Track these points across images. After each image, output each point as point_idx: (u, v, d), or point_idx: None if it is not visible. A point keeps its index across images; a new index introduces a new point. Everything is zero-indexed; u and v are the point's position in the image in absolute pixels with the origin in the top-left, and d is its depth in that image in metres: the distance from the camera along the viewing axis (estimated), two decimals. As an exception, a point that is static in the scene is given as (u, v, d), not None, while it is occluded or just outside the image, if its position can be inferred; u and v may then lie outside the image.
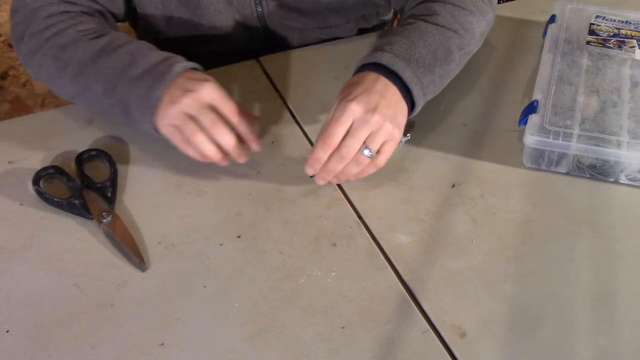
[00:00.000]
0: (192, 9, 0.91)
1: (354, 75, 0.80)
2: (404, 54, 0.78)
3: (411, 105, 0.78)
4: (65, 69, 0.78)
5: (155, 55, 0.77)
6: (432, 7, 0.84)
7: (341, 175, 0.77)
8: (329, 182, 0.78)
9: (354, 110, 0.73)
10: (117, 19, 0.93)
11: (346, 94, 0.75)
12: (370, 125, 0.73)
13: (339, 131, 0.73)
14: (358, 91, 0.74)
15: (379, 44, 0.82)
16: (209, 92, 0.73)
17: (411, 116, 0.79)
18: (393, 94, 0.76)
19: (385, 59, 0.77)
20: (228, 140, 0.74)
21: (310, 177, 0.78)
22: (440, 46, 0.81)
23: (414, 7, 0.88)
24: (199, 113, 0.72)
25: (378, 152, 0.75)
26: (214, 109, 0.73)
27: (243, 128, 0.76)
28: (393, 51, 0.78)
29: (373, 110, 0.73)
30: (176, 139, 0.74)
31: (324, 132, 0.74)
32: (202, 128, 0.73)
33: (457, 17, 0.84)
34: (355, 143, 0.73)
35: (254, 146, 0.77)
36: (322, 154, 0.74)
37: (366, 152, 0.74)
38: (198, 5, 0.91)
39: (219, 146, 0.74)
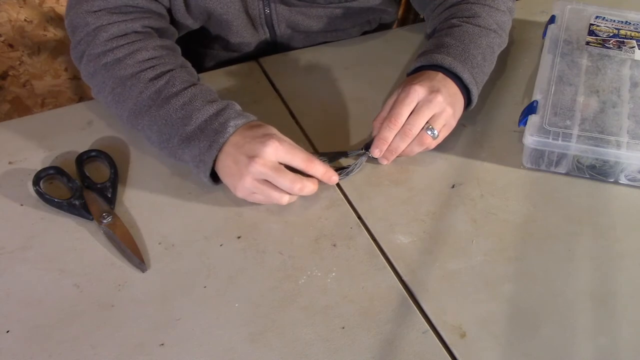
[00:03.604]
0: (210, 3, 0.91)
1: (407, 76, 0.84)
2: (460, 56, 0.82)
3: (466, 103, 0.83)
4: (122, 104, 0.78)
5: (209, 108, 0.74)
6: (472, 8, 0.89)
7: (402, 155, 0.80)
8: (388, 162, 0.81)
9: (418, 91, 0.77)
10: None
11: (409, 81, 0.79)
12: (433, 105, 0.77)
13: (405, 111, 0.77)
14: (420, 79, 0.79)
15: (430, 46, 0.86)
16: (273, 151, 0.71)
17: (465, 112, 0.84)
18: (452, 87, 0.80)
19: (447, 62, 0.81)
20: (310, 190, 0.74)
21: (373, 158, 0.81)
22: (487, 48, 0.86)
23: (449, 7, 0.92)
24: (273, 178, 0.71)
25: None
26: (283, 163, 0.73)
27: (318, 172, 0.75)
28: (450, 54, 0.82)
29: (436, 91, 0.77)
30: (256, 200, 0.75)
31: (390, 113, 0.78)
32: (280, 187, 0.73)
33: (495, 18, 0.89)
34: (419, 121, 0.77)
35: (333, 181, 0.77)
36: (389, 133, 0.78)
37: (429, 131, 0.78)
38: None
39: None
